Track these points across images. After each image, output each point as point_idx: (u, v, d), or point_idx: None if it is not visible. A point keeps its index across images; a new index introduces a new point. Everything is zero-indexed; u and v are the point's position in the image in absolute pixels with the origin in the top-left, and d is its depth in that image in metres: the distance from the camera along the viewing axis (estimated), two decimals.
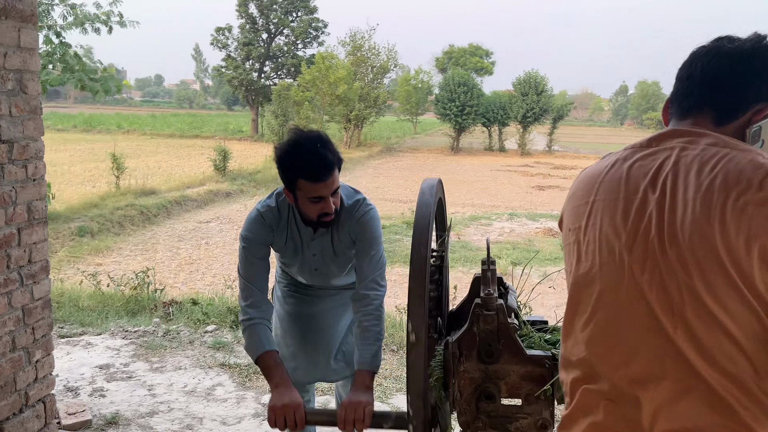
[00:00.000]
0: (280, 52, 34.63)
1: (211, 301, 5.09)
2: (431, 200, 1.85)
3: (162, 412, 3.31)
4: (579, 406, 1.15)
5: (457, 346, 1.75)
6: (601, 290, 1.11)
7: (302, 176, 2.05)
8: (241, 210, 14.41)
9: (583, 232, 1.18)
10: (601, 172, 1.20)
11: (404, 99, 41.44)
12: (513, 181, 20.56)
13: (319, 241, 2.31)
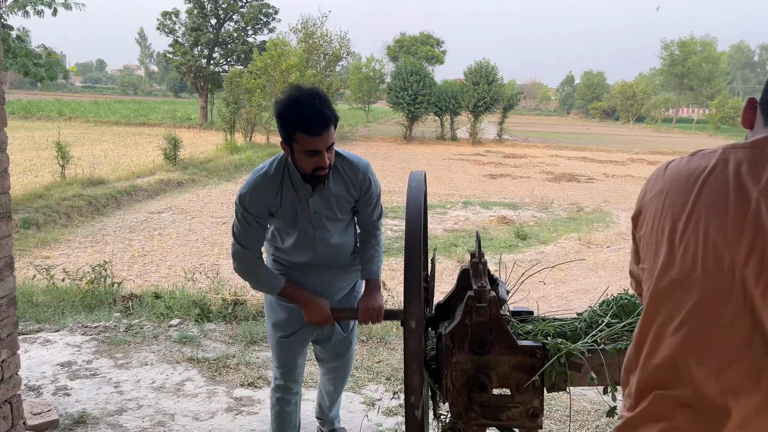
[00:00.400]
0: (229, 38, 33.86)
1: (174, 295, 4.98)
2: (421, 192, 1.87)
3: (131, 409, 3.23)
4: (649, 411, 1.14)
5: (450, 338, 1.77)
6: (700, 297, 1.09)
7: (300, 130, 2.16)
8: (194, 200, 14.11)
9: (680, 234, 1.13)
10: (700, 172, 1.14)
11: (356, 87, 41.29)
12: (466, 169, 20.79)
13: (317, 197, 2.37)
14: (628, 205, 15.17)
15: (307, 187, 2.34)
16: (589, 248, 10.84)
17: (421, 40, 49.68)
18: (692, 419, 1.08)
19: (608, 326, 1.99)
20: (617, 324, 1.99)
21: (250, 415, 3.22)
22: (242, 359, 3.88)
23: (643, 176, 20.84)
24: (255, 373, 3.68)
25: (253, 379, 3.61)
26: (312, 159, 2.21)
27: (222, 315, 4.56)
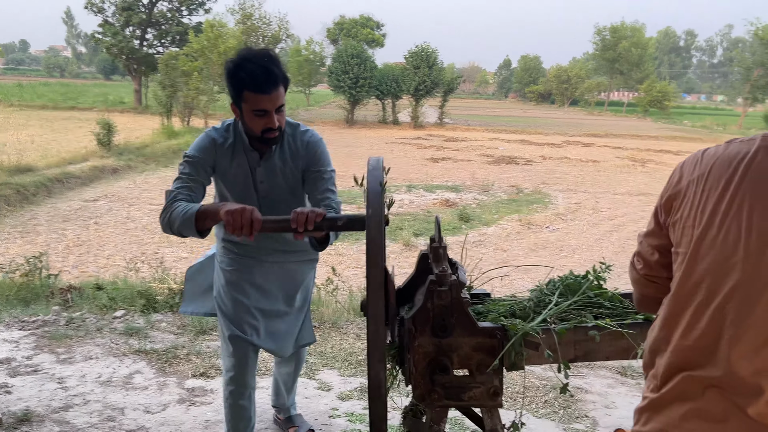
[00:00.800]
0: (163, 18, 32.67)
1: (117, 285, 4.82)
2: (380, 179, 1.87)
3: (77, 405, 3.13)
4: (674, 392, 1.16)
5: (413, 323, 1.79)
6: (740, 280, 1.10)
7: (248, 88, 2.13)
8: (131, 187, 13.65)
9: (721, 218, 1.14)
10: (742, 157, 1.16)
11: (296, 70, 40.67)
12: (408, 153, 20.90)
13: (265, 167, 2.33)
14: (566, 187, 15.65)
15: (255, 155, 2.32)
16: (529, 229, 11.14)
17: (361, 23, 49.38)
18: (720, 399, 1.10)
19: (556, 305, 2.06)
20: (564, 303, 2.06)
21: (203, 406, 3.18)
22: (192, 349, 3.81)
23: (578, 158, 21.52)
24: (207, 363, 3.63)
25: (205, 369, 3.55)
26: (261, 120, 2.18)
27: (169, 305, 4.45)
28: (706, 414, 1.11)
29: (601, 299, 2.09)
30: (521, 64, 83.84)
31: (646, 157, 22.44)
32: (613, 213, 12.82)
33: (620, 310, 2.05)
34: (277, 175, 2.35)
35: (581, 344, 1.86)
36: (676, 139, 30.93)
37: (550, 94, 70.98)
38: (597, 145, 26.09)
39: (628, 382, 3.69)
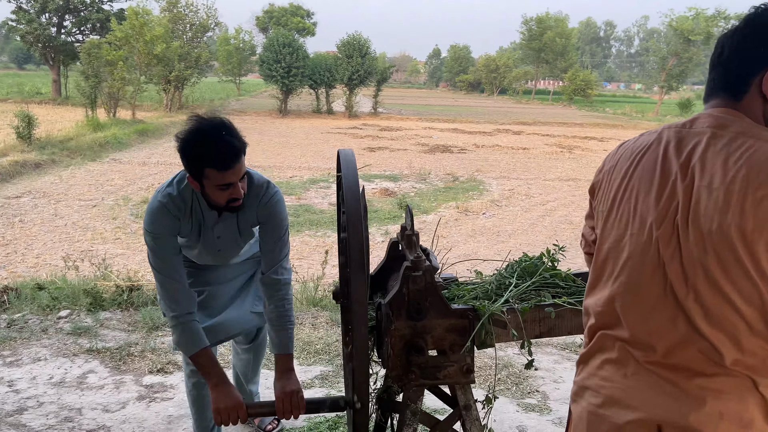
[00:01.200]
0: (82, 5, 31.08)
1: (59, 284, 4.66)
2: (356, 174, 1.93)
3: (32, 407, 3.05)
4: (596, 347, 1.38)
5: (389, 307, 1.87)
6: (628, 256, 1.30)
7: (210, 165, 2.03)
8: (57, 182, 13.06)
9: (618, 204, 1.34)
10: (640, 149, 1.34)
11: (225, 59, 39.75)
12: (344, 143, 20.89)
13: (223, 223, 2.30)
14: (499, 174, 16.10)
15: (213, 213, 2.27)
16: (466, 215, 11.43)
17: (291, 11, 48.71)
18: (624, 351, 1.33)
19: (516, 287, 2.19)
20: (523, 284, 2.20)
21: (165, 401, 3.16)
22: (146, 346, 3.75)
23: (509, 145, 22.14)
24: (163, 359, 3.59)
25: (162, 365, 3.52)
26: (225, 192, 2.10)
27: (117, 302, 4.35)
28: (614, 361, 1.34)
29: (556, 279, 2.23)
30: (451, 53, 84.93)
31: (573, 143, 23.33)
32: (544, 198, 13.31)
33: (574, 288, 2.20)
34: (236, 230, 2.34)
35: (545, 321, 1.99)
36: (600, 126, 32.26)
37: (479, 83, 72.33)
38: (526, 133, 26.89)
39: (572, 358, 3.91)
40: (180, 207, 2.20)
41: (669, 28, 43.82)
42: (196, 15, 29.22)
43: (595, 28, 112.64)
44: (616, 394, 1.32)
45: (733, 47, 1.28)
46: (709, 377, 1.21)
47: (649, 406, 1.27)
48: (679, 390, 1.24)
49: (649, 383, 1.27)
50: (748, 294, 1.17)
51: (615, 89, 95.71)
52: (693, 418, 1.21)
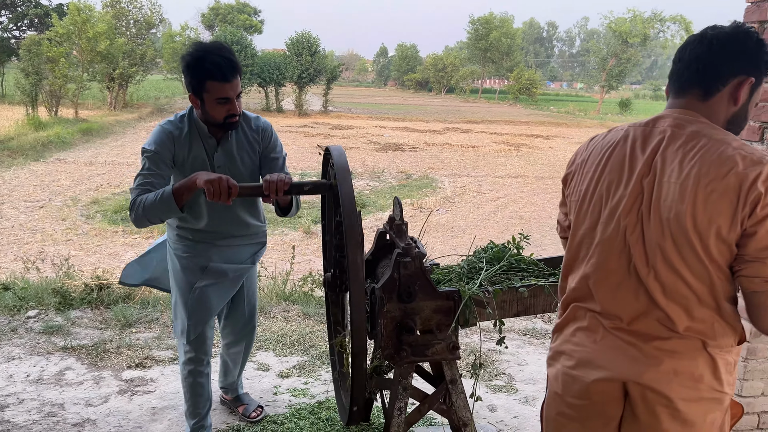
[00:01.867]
0: (19, 0, 29.97)
1: (26, 284, 4.61)
2: (348, 169, 2.08)
3: (12, 404, 3.06)
4: (569, 317, 1.60)
5: (382, 291, 2.03)
6: (599, 240, 1.52)
7: (211, 78, 2.25)
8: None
9: (590, 195, 1.55)
10: (609, 145, 1.54)
11: (170, 57, 38.90)
12: (296, 141, 20.87)
13: (222, 151, 2.46)
14: (451, 171, 16.45)
15: (212, 140, 2.44)
16: (421, 212, 11.67)
17: (237, 9, 48.06)
18: (594, 320, 1.55)
19: (486, 271, 2.38)
20: (492, 268, 2.39)
21: (146, 394, 3.22)
22: (122, 342, 3.79)
23: (458, 143, 22.58)
24: (141, 354, 3.64)
25: (140, 360, 3.57)
26: (224, 107, 2.30)
27: (86, 301, 4.34)
28: (585, 329, 1.56)
29: (521, 264, 2.44)
30: (398, 52, 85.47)
31: (520, 141, 23.97)
32: (495, 195, 13.70)
33: (538, 272, 2.41)
34: (235, 159, 2.49)
35: (521, 301, 2.19)
36: (545, 124, 33.19)
37: (427, 82, 73.07)
38: (475, 131, 27.44)
39: (534, 342, 4.15)
40: (179, 128, 2.39)
41: (608, 29, 45.42)
42: (140, 11, 28.56)
43: (538, 28, 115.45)
44: (587, 356, 1.53)
45: (717, 47, 1.43)
46: (665, 340, 1.44)
47: (615, 365, 1.48)
48: (639, 352, 1.46)
49: (615, 346, 1.49)
50: (698, 272, 1.39)
51: (558, 88, 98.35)
52: (652, 374, 1.43)
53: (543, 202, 12.88)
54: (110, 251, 8.31)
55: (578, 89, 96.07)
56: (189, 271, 2.56)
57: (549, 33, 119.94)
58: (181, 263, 2.57)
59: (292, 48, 31.63)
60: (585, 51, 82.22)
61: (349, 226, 1.90)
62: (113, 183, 13.05)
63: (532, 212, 11.89)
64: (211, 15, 48.33)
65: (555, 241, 9.60)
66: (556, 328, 1.65)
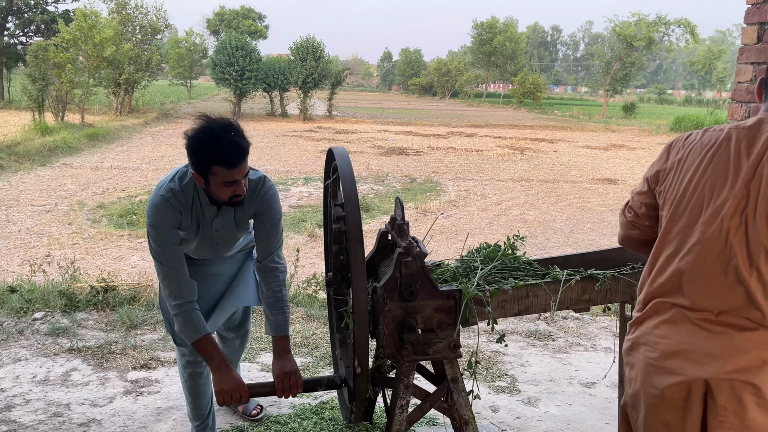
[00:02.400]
0: (26, 6, 30.13)
1: (33, 286, 4.65)
2: (352, 172, 2.10)
3: (19, 405, 3.09)
4: (651, 311, 1.64)
5: (384, 290, 2.05)
6: (699, 239, 1.55)
7: (218, 163, 2.16)
8: (6, 188, 12.71)
9: (691, 193, 1.59)
10: (711, 145, 1.58)
11: (175, 62, 39.15)
12: (300, 146, 20.94)
13: (221, 217, 2.43)
14: (455, 175, 16.46)
15: (213, 208, 2.39)
16: (425, 216, 11.69)
17: (242, 14, 48.29)
18: (679, 313, 1.58)
19: (482, 270, 2.39)
20: (486, 267, 2.40)
21: (152, 395, 3.25)
22: (127, 344, 3.82)
23: (463, 147, 22.60)
24: (145, 356, 3.67)
25: (145, 361, 3.60)
26: (229, 188, 2.23)
27: (92, 303, 4.38)
28: (668, 321, 1.59)
29: (516, 263, 2.45)
30: (403, 57, 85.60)
31: (524, 145, 23.97)
32: (499, 198, 13.71)
33: (532, 271, 2.42)
34: (233, 224, 2.47)
35: (522, 300, 2.21)
36: (549, 128, 33.19)
37: (431, 86, 73.14)
38: (479, 135, 27.46)
39: (536, 344, 4.16)
40: (181, 201, 2.32)
41: (612, 33, 45.38)
42: (145, 17, 28.71)
43: (543, 32, 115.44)
44: (673, 348, 1.56)
45: None
46: (753, 331, 1.48)
47: (701, 355, 1.51)
48: (727, 341, 1.49)
49: (702, 336, 1.52)
50: None
51: (562, 92, 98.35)
52: (740, 363, 1.46)
53: (547, 206, 12.89)
54: (116, 255, 8.35)
55: (582, 93, 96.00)
56: None
57: (553, 37, 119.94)
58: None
59: (297, 53, 31.73)
60: (589, 55, 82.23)
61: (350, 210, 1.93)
62: (119, 187, 13.13)
63: (536, 215, 11.90)
64: (216, 20, 48.58)
65: (559, 244, 9.61)
66: (634, 321, 1.68)
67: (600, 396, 3.44)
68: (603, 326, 4.53)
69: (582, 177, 16.75)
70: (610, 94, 47.93)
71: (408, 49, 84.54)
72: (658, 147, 25.53)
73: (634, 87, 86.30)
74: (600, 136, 29.67)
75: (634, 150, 24.19)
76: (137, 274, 6.12)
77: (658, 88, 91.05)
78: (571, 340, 4.24)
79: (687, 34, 42.87)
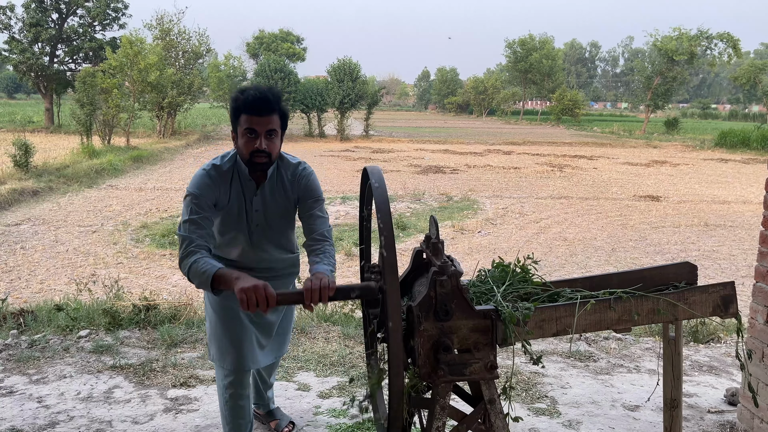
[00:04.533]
0: (75, 34, 31.43)
1: (78, 304, 4.78)
2: (386, 191, 2.11)
3: (63, 421, 3.16)
4: None
5: (419, 309, 2.04)
6: None
7: (243, 110, 2.31)
8: (55, 209, 13.15)
9: None
10: None
11: (216, 86, 40.05)
12: (338, 165, 21.13)
13: (260, 196, 2.49)
14: (492, 193, 16.35)
15: (252, 184, 2.46)
16: (462, 234, 11.62)
17: (281, 38, 49.27)
18: None
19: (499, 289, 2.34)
20: (502, 287, 2.35)
21: (191, 413, 3.28)
22: (168, 362, 3.88)
23: (500, 165, 22.45)
24: (185, 373, 3.72)
25: (185, 379, 3.64)
26: (251, 141, 2.32)
27: (134, 321, 4.48)
28: None
29: (528, 285, 2.40)
30: (439, 76, 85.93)
31: (563, 162, 23.68)
32: (538, 216, 13.54)
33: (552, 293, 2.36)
34: (271, 204, 2.51)
35: (561, 320, 2.16)
36: (589, 145, 32.72)
37: (468, 104, 73.13)
38: (516, 153, 27.25)
39: (577, 365, 4.07)
40: (220, 173, 2.42)
41: (653, 47, 44.67)
42: (188, 42, 29.58)
43: (581, 48, 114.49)
44: None
45: None
46: None
47: None
48: None
49: None
50: None
51: (602, 108, 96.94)
52: None
53: (587, 223, 12.67)
54: (158, 274, 8.53)
55: (622, 109, 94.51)
56: (226, 296, 2.60)
57: (591, 53, 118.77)
58: (217, 297, 2.60)
59: (334, 74, 32.19)
60: (629, 70, 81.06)
61: (384, 227, 1.93)
62: (161, 208, 13.44)
63: (576, 233, 11.70)
64: (255, 44, 49.68)
65: (600, 262, 9.42)
66: None
67: (644, 420, 3.33)
68: (647, 347, 4.40)
69: (623, 194, 16.43)
70: (651, 110, 47.05)
71: (444, 68, 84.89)
72: (703, 163, 24.91)
73: (677, 102, 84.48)
74: (641, 153, 29.10)
75: (677, 166, 23.62)
76: (178, 293, 6.23)
77: (701, 103, 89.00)
78: (614, 361, 4.13)
79: (729, 48, 41.88)
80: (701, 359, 4.18)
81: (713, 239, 11.25)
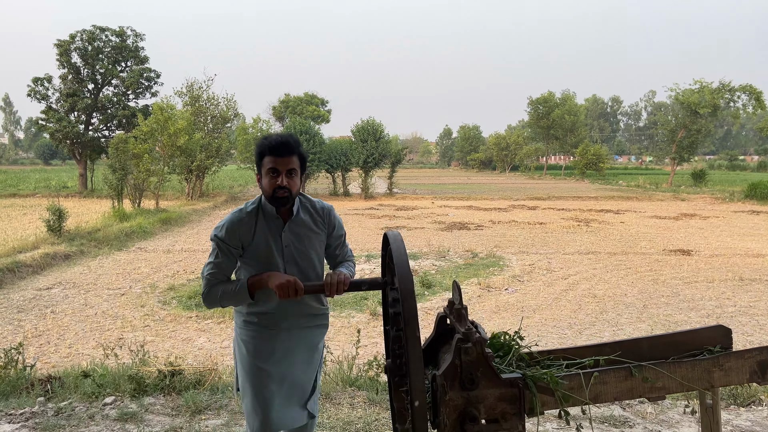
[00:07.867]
0: (109, 103, 32.73)
1: (104, 371, 4.79)
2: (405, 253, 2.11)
3: None
4: None
5: (444, 378, 2.00)
6: None
7: (266, 152, 2.56)
8: (86, 272, 13.37)
9: None
10: None
11: (243, 148, 41.04)
12: (362, 223, 21.25)
13: (289, 231, 2.63)
14: (518, 249, 16.20)
15: (279, 221, 2.62)
16: (489, 291, 11.46)
17: (306, 101, 50.63)
18: None
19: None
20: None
21: None
22: (191, 429, 3.83)
23: (525, 221, 22.33)
24: None
25: None
26: (273, 179, 2.54)
27: (159, 387, 4.46)
28: None
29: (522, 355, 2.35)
30: (461, 133, 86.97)
31: (589, 216, 23.48)
32: (566, 272, 13.33)
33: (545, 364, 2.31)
34: (302, 238, 2.66)
35: (592, 387, 2.10)
36: (615, 198, 32.49)
37: (491, 160, 73.60)
38: (541, 208, 27.14)
39: (612, 431, 3.91)
40: (247, 218, 2.61)
41: (675, 101, 44.77)
42: (216, 107, 30.53)
43: (602, 103, 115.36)
44: None
45: None
46: None
47: None
48: None
49: None
50: None
51: (626, 162, 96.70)
52: None
53: (617, 279, 12.42)
54: (184, 336, 8.54)
55: (647, 162, 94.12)
56: (257, 355, 2.62)
57: (613, 108, 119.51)
58: (248, 348, 2.65)
59: (358, 134, 32.80)
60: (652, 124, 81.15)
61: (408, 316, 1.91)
62: (188, 269, 13.57)
63: (605, 290, 11.46)
64: (281, 107, 51.10)
65: (632, 320, 9.17)
66: None
67: None
68: (685, 410, 4.22)
69: (652, 248, 16.14)
70: (677, 162, 46.76)
71: (467, 125, 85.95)
72: (734, 215, 24.49)
73: (703, 154, 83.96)
74: (669, 206, 28.76)
75: (708, 219, 23.24)
76: (203, 357, 6.21)
77: (728, 154, 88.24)
78: (650, 427, 3.97)
79: (753, 100, 41.79)
80: (743, 424, 4.00)
81: (749, 294, 10.92)
